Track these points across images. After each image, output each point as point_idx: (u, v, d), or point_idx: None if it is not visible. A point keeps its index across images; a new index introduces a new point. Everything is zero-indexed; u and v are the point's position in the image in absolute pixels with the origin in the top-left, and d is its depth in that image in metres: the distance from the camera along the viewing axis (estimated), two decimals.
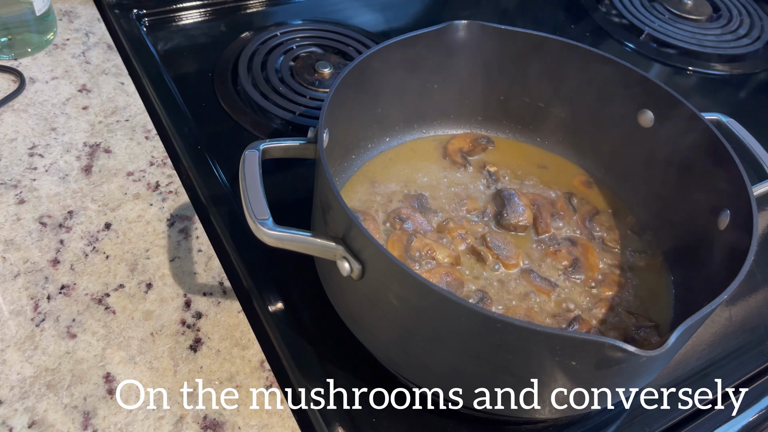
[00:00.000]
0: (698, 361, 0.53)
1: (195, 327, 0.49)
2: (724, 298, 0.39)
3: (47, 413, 0.43)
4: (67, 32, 0.72)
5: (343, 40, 0.80)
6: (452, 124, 0.65)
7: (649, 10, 1.01)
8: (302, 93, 0.71)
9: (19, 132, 0.60)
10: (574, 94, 0.60)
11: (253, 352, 0.48)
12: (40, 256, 0.51)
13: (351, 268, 0.41)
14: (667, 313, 0.52)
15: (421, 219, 0.55)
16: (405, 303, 0.40)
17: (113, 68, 0.69)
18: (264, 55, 0.75)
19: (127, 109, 0.65)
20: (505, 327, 0.36)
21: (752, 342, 0.56)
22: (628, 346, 0.34)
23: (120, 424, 0.43)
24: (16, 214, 0.54)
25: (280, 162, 0.49)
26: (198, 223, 0.56)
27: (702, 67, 0.91)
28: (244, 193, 0.42)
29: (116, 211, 0.55)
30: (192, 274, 0.52)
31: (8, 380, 0.44)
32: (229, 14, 0.81)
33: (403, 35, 0.54)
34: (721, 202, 0.50)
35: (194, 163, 0.60)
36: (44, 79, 0.66)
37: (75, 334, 0.47)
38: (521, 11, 0.96)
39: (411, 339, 0.43)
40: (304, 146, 0.47)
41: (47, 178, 0.57)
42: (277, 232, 0.41)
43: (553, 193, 0.60)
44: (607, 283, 0.53)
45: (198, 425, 0.43)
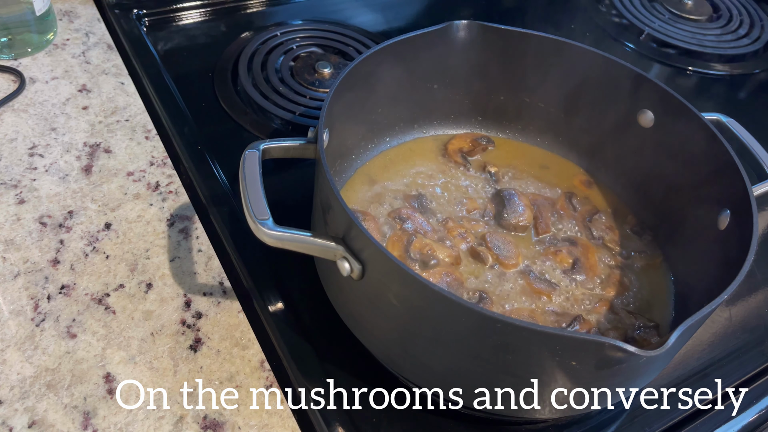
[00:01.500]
0: (698, 361, 0.53)
1: (195, 327, 0.49)
2: (724, 298, 0.39)
3: (47, 413, 0.43)
4: (67, 32, 0.72)
5: (343, 40, 0.80)
6: (452, 124, 0.65)
7: (649, 10, 1.01)
8: (302, 93, 0.71)
9: (19, 132, 0.60)
10: (574, 94, 0.60)
11: (253, 352, 0.48)
12: (40, 256, 0.51)
13: (351, 268, 0.41)
14: (667, 313, 0.52)
15: (421, 219, 0.55)
16: (405, 303, 0.40)
17: (113, 68, 0.69)
18: (264, 55, 0.75)
19: (127, 109, 0.65)
20: (505, 327, 0.36)
21: (752, 342, 0.56)
22: (628, 346, 0.34)
23: (120, 424, 0.43)
24: (16, 214, 0.54)
25: (280, 162, 0.49)
26: (198, 223, 0.56)
27: (702, 67, 0.91)
28: (244, 193, 0.42)
29: (116, 211, 0.56)
30: (192, 274, 0.52)
31: (8, 380, 0.44)
32: (229, 14, 0.81)
33: (403, 35, 0.54)
34: (721, 202, 0.50)
35: (194, 163, 0.60)
36: (44, 79, 0.66)
37: (75, 334, 0.47)
38: (521, 11, 0.97)
39: (411, 339, 0.43)
40: (304, 146, 0.47)
41: (47, 178, 0.57)
42: (277, 232, 0.41)
43: (553, 193, 0.60)
44: (607, 284, 0.53)
45: (198, 425, 0.43)
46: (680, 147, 0.55)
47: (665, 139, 0.56)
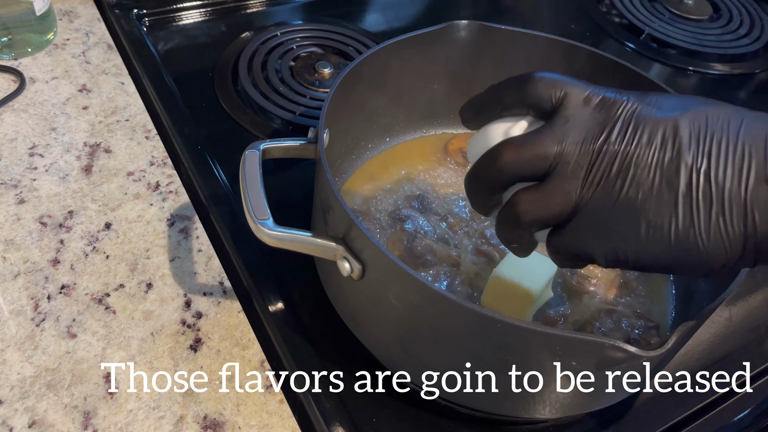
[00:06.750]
0: (698, 361, 0.53)
1: (195, 327, 0.49)
2: (725, 299, 0.39)
3: (47, 413, 0.43)
4: (67, 32, 0.72)
5: (343, 40, 0.80)
6: (452, 123, 0.65)
7: (649, 10, 1.01)
8: (302, 93, 0.71)
9: (19, 132, 0.60)
10: None
11: (253, 352, 0.48)
12: (40, 256, 0.51)
13: (351, 269, 0.41)
14: (667, 313, 0.52)
15: (422, 219, 0.55)
16: (405, 303, 0.40)
17: (113, 68, 0.69)
18: (264, 55, 0.75)
19: (127, 109, 0.65)
20: (505, 327, 0.36)
21: (752, 342, 0.56)
22: (628, 346, 0.34)
23: (120, 424, 0.43)
24: (16, 214, 0.54)
25: (280, 162, 0.49)
26: (198, 223, 0.56)
27: (702, 67, 0.91)
28: (245, 193, 0.42)
29: (116, 211, 0.56)
30: (192, 274, 0.52)
31: (8, 380, 0.44)
32: (229, 14, 0.81)
33: (404, 35, 0.54)
34: None
35: (194, 163, 0.60)
36: (44, 79, 0.66)
37: (75, 334, 0.47)
38: (521, 11, 0.97)
39: (411, 339, 0.43)
40: (304, 146, 0.47)
41: (47, 178, 0.57)
42: (278, 232, 0.41)
43: None
44: (608, 283, 0.53)
45: (198, 425, 0.43)
46: None
47: None
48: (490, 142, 0.37)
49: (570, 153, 0.33)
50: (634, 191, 0.32)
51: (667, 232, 0.32)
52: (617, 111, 0.34)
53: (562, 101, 0.35)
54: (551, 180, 0.34)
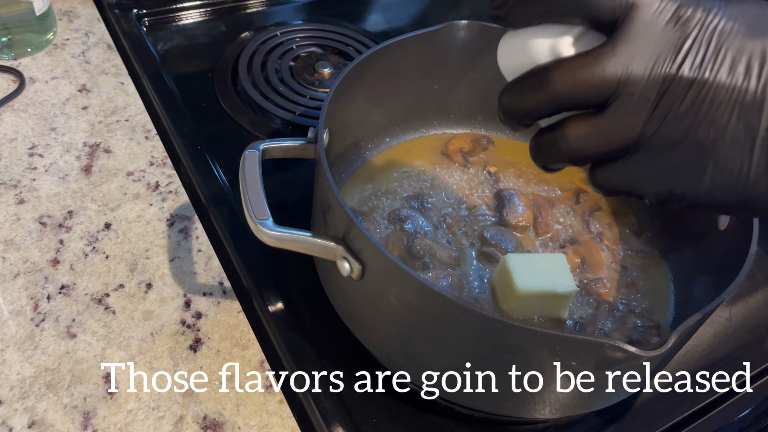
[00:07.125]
0: (698, 361, 0.53)
1: (195, 327, 0.49)
2: (725, 299, 0.39)
3: (47, 413, 0.43)
4: (67, 32, 0.72)
5: (343, 40, 0.80)
6: (452, 124, 0.65)
7: None
8: (302, 93, 0.71)
9: (19, 132, 0.60)
10: None
11: (253, 352, 0.48)
12: (40, 256, 0.51)
13: (351, 269, 0.41)
14: (667, 313, 0.52)
15: (422, 219, 0.55)
16: (405, 303, 0.40)
17: (113, 68, 0.69)
18: (264, 55, 0.75)
19: (127, 109, 0.65)
20: (505, 328, 0.36)
21: (752, 342, 0.56)
22: (628, 346, 0.34)
23: (120, 424, 0.43)
24: (16, 214, 0.54)
25: (280, 162, 0.49)
26: (198, 223, 0.56)
27: None
28: (244, 193, 0.42)
29: (116, 211, 0.55)
30: (192, 274, 0.52)
31: (8, 380, 0.44)
32: (229, 14, 0.81)
33: (404, 35, 0.54)
34: None
35: (194, 163, 0.60)
36: (44, 79, 0.66)
37: (75, 334, 0.47)
38: None
39: (411, 339, 0.43)
40: (304, 146, 0.47)
41: (47, 178, 0.57)
42: (277, 232, 0.41)
43: (554, 192, 0.60)
44: (608, 283, 0.53)
45: (198, 425, 0.43)
46: None
47: None
48: (533, 57, 0.31)
49: (636, 81, 0.28)
50: (705, 130, 0.28)
51: (736, 176, 0.28)
52: (694, 27, 0.28)
53: (628, 13, 0.29)
54: (611, 112, 0.29)
